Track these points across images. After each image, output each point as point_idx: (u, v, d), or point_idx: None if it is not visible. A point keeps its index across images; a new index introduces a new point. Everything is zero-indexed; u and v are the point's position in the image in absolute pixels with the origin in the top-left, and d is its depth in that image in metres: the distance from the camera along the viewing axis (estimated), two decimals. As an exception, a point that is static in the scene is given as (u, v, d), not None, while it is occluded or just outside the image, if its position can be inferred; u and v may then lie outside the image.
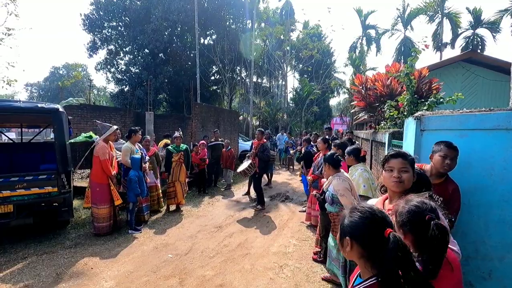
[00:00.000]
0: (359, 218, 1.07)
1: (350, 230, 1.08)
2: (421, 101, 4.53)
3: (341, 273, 3.11)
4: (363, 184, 3.41)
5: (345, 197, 2.98)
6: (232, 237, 4.74)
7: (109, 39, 19.25)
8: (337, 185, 3.03)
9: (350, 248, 1.07)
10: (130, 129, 5.07)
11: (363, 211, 1.08)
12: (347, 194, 3.00)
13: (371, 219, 1.06)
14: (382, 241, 0.99)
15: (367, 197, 3.40)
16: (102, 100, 37.85)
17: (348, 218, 1.11)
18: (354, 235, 1.07)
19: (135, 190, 4.62)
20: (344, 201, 2.97)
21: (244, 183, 9.22)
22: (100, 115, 10.86)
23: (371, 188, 3.42)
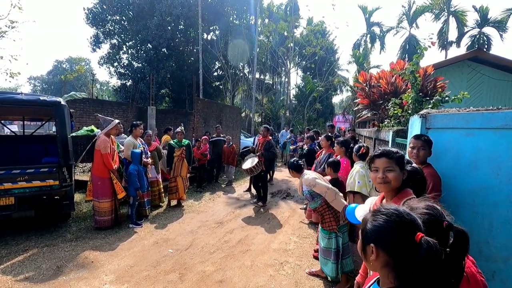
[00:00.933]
0: (384, 221, 0.93)
1: (375, 236, 0.94)
2: (426, 99, 4.48)
3: (332, 261, 3.17)
4: (358, 180, 3.40)
5: (318, 185, 3.10)
6: (232, 233, 4.73)
7: (112, 34, 19.21)
8: (306, 180, 3.17)
9: (375, 256, 0.93)
10: (132, 123, 5.05)
11: (388, 214, 0.94)
12: (318, 182, 3.12)
13: (399, 222, 0.92)
14: (412, 248, 0.87)
15: (361, 193, 3.39)
16: (104, 95, 37.92)
17: (371, 222, 0.97)
18: (380, 241, 0.93)
19: (134, 184, 4.60)
20: (319, 189, 3.09)
21: (246, 180, 9.21)
22: (102, 109, 10.86)
23: (366, 185, 3.39)
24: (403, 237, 0.90)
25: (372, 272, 1.57)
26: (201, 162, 7.68)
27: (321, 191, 3.06)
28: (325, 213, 3.19)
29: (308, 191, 3.15)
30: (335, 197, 3.05)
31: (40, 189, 4.20)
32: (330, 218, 3.16)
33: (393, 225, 0.91)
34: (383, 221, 0.93)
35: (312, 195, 3.13)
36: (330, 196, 3.05)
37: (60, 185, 4.32)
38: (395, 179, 1.56)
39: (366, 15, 23.41)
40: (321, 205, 3.17)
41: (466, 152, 2.45)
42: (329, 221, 3.18)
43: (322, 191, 3.06)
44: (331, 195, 3.05)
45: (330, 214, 3.16)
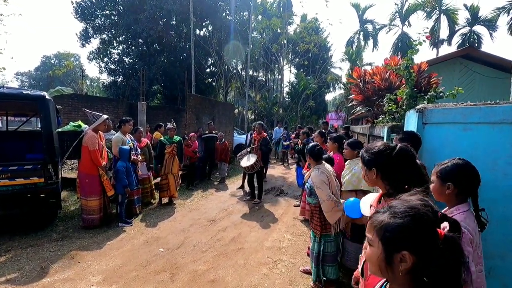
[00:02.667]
0: (411, 222, 0.80)
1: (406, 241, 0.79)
2: (421, 95, 4.45)
3: (313, 265, 3.10)
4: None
5: (320, 190, 2.90)
6: (225, 231, 4.64)
7: (102, 28, 18.78)
8: (315, 177, 2.96)
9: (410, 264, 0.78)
10: (121, 119, 4.90)
11: (414, 213, 0.81)
12: (323, 187, 2.91)
13: (425, 220, 0.80)
14: (436, 246, 0.78)
15: (369, 192, 3.32)
16: (95, 91, 37.16)
17: (395, 226, 0.81)
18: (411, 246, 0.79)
19: (122, 182, 4.46)
20: (320, 194, 2.90)
21: (238, 177, 9.12)
22: (92, 105, 10.58)
23: (371, 183, 3.33)
24: (431, 236, 0.80)
25: None
26: (192, 161, 7.55)
27: (321, 197, 2.90)
28: (315, 214, 3.08)
29: (310, 186, 3.02)
30: (331, 210, 2.91)
31: (24, 187, 4.03)
32: (317, 221, 3.04)
33: (421, 224, 0.80)
34: (410, 222, 0.80)
35: (312, 192, 3.03)
36: (326, 207, 2.89)
37: (45, 183, 4.16)
38: None
39: (359, 12, 23.46)
40: (314, 205, 3.07)
41: (463, 147, 2.40)
42: (315, 223, 3.08)
43: (321, 197, 2.89)
44: (328, 206, 2.89)
45: (318, 217, 3.03)
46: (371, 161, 1.49)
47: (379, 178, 1.47)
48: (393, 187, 1.43)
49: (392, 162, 1.42)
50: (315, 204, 3.05)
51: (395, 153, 1.42)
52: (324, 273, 3.08)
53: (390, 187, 1.44)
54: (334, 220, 2.98)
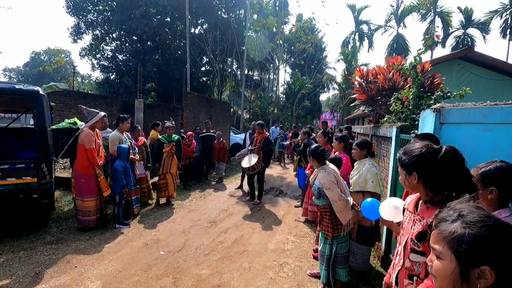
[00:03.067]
0: (489, 231, 0.72)
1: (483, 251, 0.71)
2: (427, 95, 4.40)
3: (324, 267, 3.00)
4: (371, 179, 3.23)
5: (331, 190, 2.80)
6: (227, 233, 4.51)
7: (95, 24, 18.38)
8: (323, 178, 2.86)
9: (492, 279, 0.70)
10: (119, 116, 4.71)
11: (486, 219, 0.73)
12: (333, 187, 2.82)
13: (503, 230, 0.72)
14: None
15: (375, 193, 3.24)
16: (86, 88, 36.45)
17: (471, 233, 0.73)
18: (489, 259, 0.70)
19: (120, 182, 4.28)
20: (330, 195, 2.80)
21: (236, 177, 8.99)
22: (85, 102, 10.26)
23: (379, 184, 3.25)
24: None
25: None
26: (190, 160, 7.39)
27: (332, 197, 2.80)
28: (325, 216, 2.97)
29: (318, 188, 2.92)
30: (344, 209, 2.82)
31: (16, 186, 3.82)
32: (328, 223, 2.94)
33: (501, 235, 0.71)
34: (489, 233, 0.71)
35: (320, 193, 2.92)
36: (338, 207, 2.79)
37: (38, 183, 3.95)
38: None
39: (354, 13, 23.54)
40: (324, 207, 2.97)
41: (483, 149, 2.32)
42: (326, 225, 2.97)
43: (332, 198, 2.79)
44: (340, 206, 2.79)
45: (329, 219, 2.93)
46: (411, 165, 1.36)
47: (420, 184, 1.35)
48: (436, 194, 1.32)
49: (436, 166, 1.30)
50: (324, 205, 2.94)
51: (441, 156, 1.31)
52: (334, 275, 2.98)
53: (433, 194, 1.33)
54: (346, 220, 2.89)
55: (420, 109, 4.31)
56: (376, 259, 3.84)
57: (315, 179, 3.00)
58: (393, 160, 3.62)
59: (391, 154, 3.71)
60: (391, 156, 3.70)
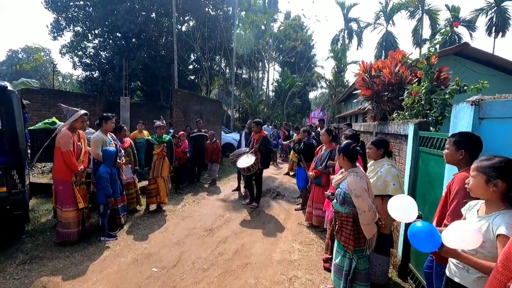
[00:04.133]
0: None
1: None
2: (441, 89, 4.13)
3: (342, 284, 2.62)
4: (392, 182, 2.89)
5: (361, 199, 2.42)
6: (226, 243, 4.09)
7: (76, 20, 17.46)
8: (354, 183, 2.46)
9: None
10: (102, 115, 4.20)
11: None
12: (364, 196, 2.44)
13: None
14: None
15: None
16: (68, 88, 34.98)
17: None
18: None
19: (105, 190, 3.78)
20: (360, 204, 2.43)
21: (230, 178, 8.57)
22: (65, 101, 9.54)
23: (401, 187, 2.91)
24: None
25: None
26: (181, 161, 6.91)
27: (360, 207, 2.42)
28: (346, 226, 2.59)
29: (344, 193, 2.54)
30: (371, 222, 2.46)
31: (-19, 198, 3.28)
32: (349, 235, 2.56)
33: None
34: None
35: (345, 200, 2.54)
36: (366, 218, 2.43)
37: (8, 192, 3.42)
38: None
39: (344, 10, 23.45)
40: (346, 215, 2.59)
41: (533, 147, 2.01)
42: (346, 237, 2.59)
43: (361, 208, 2.42)
44: (368, 218, 2.43)
45: (351, 230, 2.56)
46: None
47: None
48: None
49: None
50: (348, 214, 2.58)
51: None
52: None
53: None
54: (372, 234, 2.53)
55: (432, 105, 4.06)
56: (391, 268, 3.51)
57: (341, 182, 2.62)
58: (411, 159, 3.30)
59: (408, 153, 3.38)
60: (408, 156, 3.38)
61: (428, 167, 2.98)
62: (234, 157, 6.24)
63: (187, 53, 19.39)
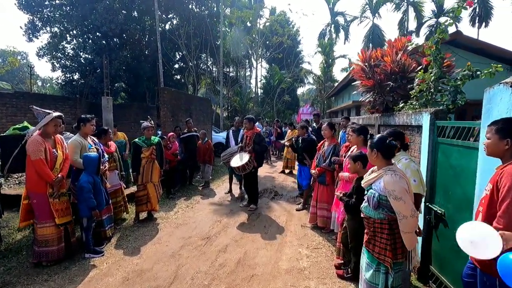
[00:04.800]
0: None
1: None
2: (448, 75, 3.88)
3: None
4: (412, 178, 2.57)
5: (402, 201, 2.05)
6: (227, 252, 3.71)
7: (52, 20, 16.59)
8: (393, 183, 2.09)
9: None
10: (80, 117, 3.74)
11: None
12: (406, 198, 2.07)
13: None
14: None
15: (419, 194, 2.60)
16: (48, 92, 33.61)
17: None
18: None
19: (88, 202, 3.34)
20: (400, 208, 2.06)
21: (224, 179, 8.18)
22: (43, 105, 8.90)
23: (421, 183, 2.61)
24: None
25: None
26: (172, 164, 6.47)
27: (401, 211, 2.07)
28: (381, 234, 2.22)
29: (379, 195, 2.18)
30: (413, 230, 2.13)
31: None
32: (386, 245, 2.19)
33: None
34: None
35: (381, 203, 2.19)
36: (408, 225, 2.08)
37: (-28, 210, 2.94)
38: None
39: (329, 4, 23.28)
40: (380, 221, 2.23)
41: None
42: (381, 247, 2.21)
43: (401, 212, 2.07)
44: (411, 224, 2.08)
45: (387, 239, 2.19)
46: None
47: None
48: None
49: None
50: (382, 219, 2.21)
51: None
52: None
53: None
54: (413, 244, 2.20)
55: (442, 92, 3.80)
56: (409, 270, 3.21)
57: (374, 182, 2.26)
58: (428, 152, 3.01)
59: (424, 145, 3.09)
60: (424, 148, 3.09)
61: (450, 160, 2.69)
62: (227, 156, 5.86)
63: (172, 52, 18.81)
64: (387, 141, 2.27)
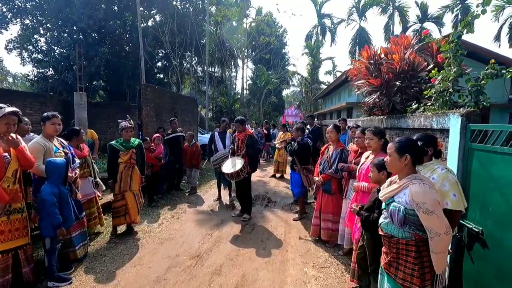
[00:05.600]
0: None
1: None
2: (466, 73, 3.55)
3: None
4: (451, 192, 2.16)
5: (435, 216, 1.67)
6: (222, 274, 3.18)
7: (24, 12, 15.35)
8: (423, 194, 1.70)
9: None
10: (43, 115, 3.09)
11: None
12: (439, 212, 1.70)
13: None
14: None
15: (458, 211, 2.19)
16: (21, 89, 31.54)
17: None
18: None
19: (52, 219, 2.71)
20: (432, 223, 1.68)
21: (210, 184, 7.62)
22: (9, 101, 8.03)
23: (462, 198, 2.19)
24: None
25: None
26: (155, 169, 5.85)
27: (433, 228, 1.68)
28: (406, 257, 1.82)
29: (405, 209, 1.77)
30: (446, 250, 1.74)
31: None
32: (412, 270, 1.80)
33: None
34: None
35: (407, 218, 1.77)
36: (441, 244, 1.70)
37: None
38: None
39: (316, 6, 23.17)
40: (406, 241, 1.82)
41: None
42: (406, 273, 1.81)
43: (434, 229, 1.68)
44: (444, 243, 1.70)
45: (415, 263, 1.79)
46: None
47: None
48: None
49: None
50: (408, 239, 1.80)
51: None
52: None
53: None
54: (444, 266, 1.80)
55: (460, 93, 3.47)
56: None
57: (398, 193, 1.84)
58: (458, 160, 2.62)
59: (453, 151, 2.70)
60: (453, 155, 2.69)
61: (490, 170, 2.30)
62: (218, 161, 5.33)
63: (155, 49, 17.96)
64: (418, 144, 1.93)
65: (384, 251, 2.06)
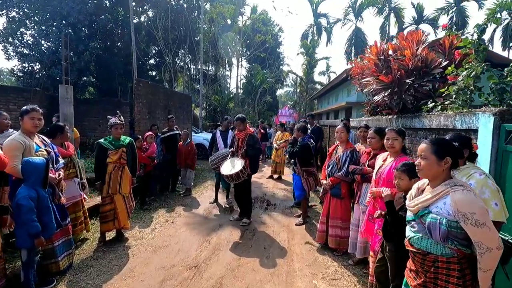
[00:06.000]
0: None
1: None
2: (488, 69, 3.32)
3: None
4: (492, 201, 1.88)
5: (487, 228, 1.42)
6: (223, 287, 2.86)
7: (9, 4, 14.67)
8: (469, 203, 1.45)
9: None
10: (22, 109, 2.72)
11: None
12: (490, 224, 1.45)
13: None
14: None
15: (500, 222, 1.93)
16: (7, 84, 30.44)
17: None
18: None
19: (29, 227, 2.35)
20: (484, 237, 1.43)
21: (207, 186, 7.28)
22: (-10, 97, 7.55)
23: (504, 208, 1.93)
24: None
25: None
26: (148, 169, 5.48)
27: (484, 242, 1.43)
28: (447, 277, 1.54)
29: (447, 221, 1.50)
30: (494, 267, 1.48)
31: None
32: None
33: None
34: None
35: (451, 232, 1.50)
36: (491, 261, 1.44)
37: None
38: None
39: (313, 6, 22.99)
40: (447, 259, 1.54)
41: None
42: None
43: (485, 243, 1.42)
44: (495, 259, 1.45)
45: (459, 285, 1.53)
46: None
47: None
48: None
49: None
50: (450, 256, 1.54)
51: None
52: None
53: None
54: (489, 285, 1.53)
55: (481, 91, 3.23)
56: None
57: (435, 202, 1.58)
58: (489, 163, 2.37)
59: (484, 154, 2.44)
60: (484, 158, 2.44)
61: (530, 174, 2.05)
62: (216, 161, 5.00)
63: (148, 46, 17.46)
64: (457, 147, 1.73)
65: (413, 269, 1.78)
